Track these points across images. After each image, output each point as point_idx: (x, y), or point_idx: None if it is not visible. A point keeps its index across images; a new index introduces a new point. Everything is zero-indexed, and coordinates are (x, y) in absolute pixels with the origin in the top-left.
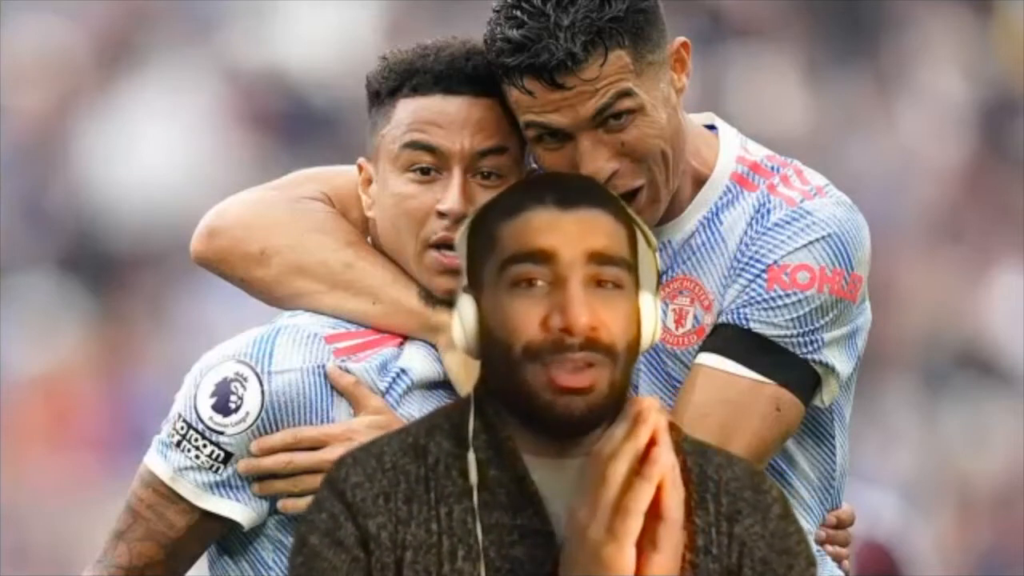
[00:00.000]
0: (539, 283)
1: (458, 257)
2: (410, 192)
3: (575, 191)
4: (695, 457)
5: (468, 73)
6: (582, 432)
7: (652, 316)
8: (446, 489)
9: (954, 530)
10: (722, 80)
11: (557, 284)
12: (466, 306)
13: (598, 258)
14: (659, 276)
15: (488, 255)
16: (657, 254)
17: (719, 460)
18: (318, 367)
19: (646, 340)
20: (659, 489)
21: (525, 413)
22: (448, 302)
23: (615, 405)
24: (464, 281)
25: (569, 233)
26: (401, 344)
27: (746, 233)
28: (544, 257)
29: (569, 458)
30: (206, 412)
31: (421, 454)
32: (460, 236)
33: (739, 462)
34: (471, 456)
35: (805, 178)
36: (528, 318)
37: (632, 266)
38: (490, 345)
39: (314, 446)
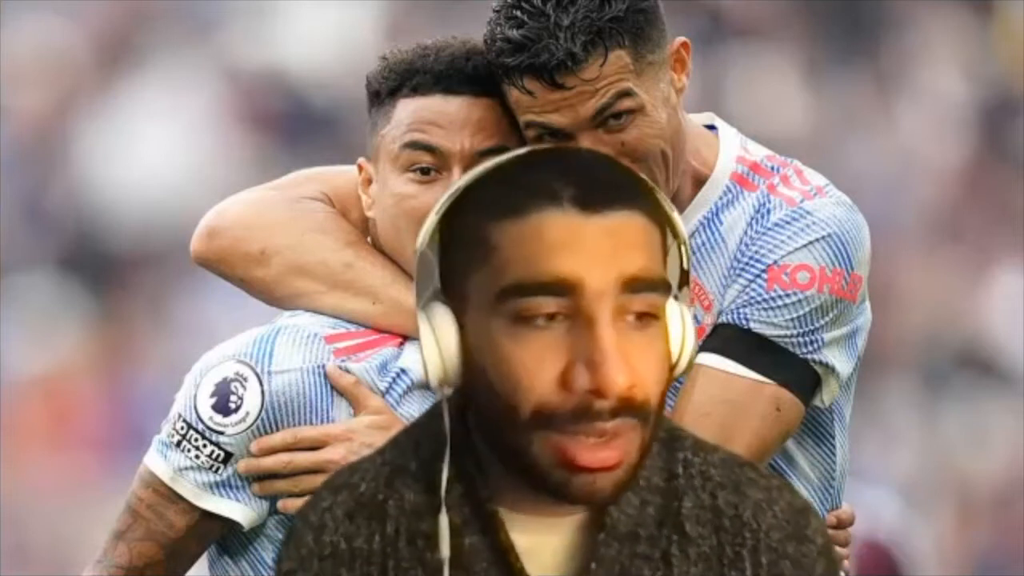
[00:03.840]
0: (557, 317)
1: (421, 252)
2: (410, 192)
3: (600, 184)
4: (727, 494)
5: (468, 73)
6: None
7: (681, 333)
8: (409, 573)
9: (954, 530)
10: (722, 80)
11: (581, 322)
12: (444, 323)
13: (633, 284)
14: (685, 275)
15: (477, 264)
16: (685, 247)
17: (757, 496)
18: (318, 367)
19: (682, 366)
20: None
21: (525, 480)
22: None
23: (642, 464)
24: (436, 283)
25: (597, 252)
26: (401, 344)
27: (746, 233)
28: (564, 288)
29: (561, 516)
30: (206, 412)
31: (377, 516)
32: (428, 229)
33: (780, 498)
34: (443, 520)
35: (805, 178)
36: (541, 371)
37: (669, 287)
38: (481, 390)
39: (314, 446)
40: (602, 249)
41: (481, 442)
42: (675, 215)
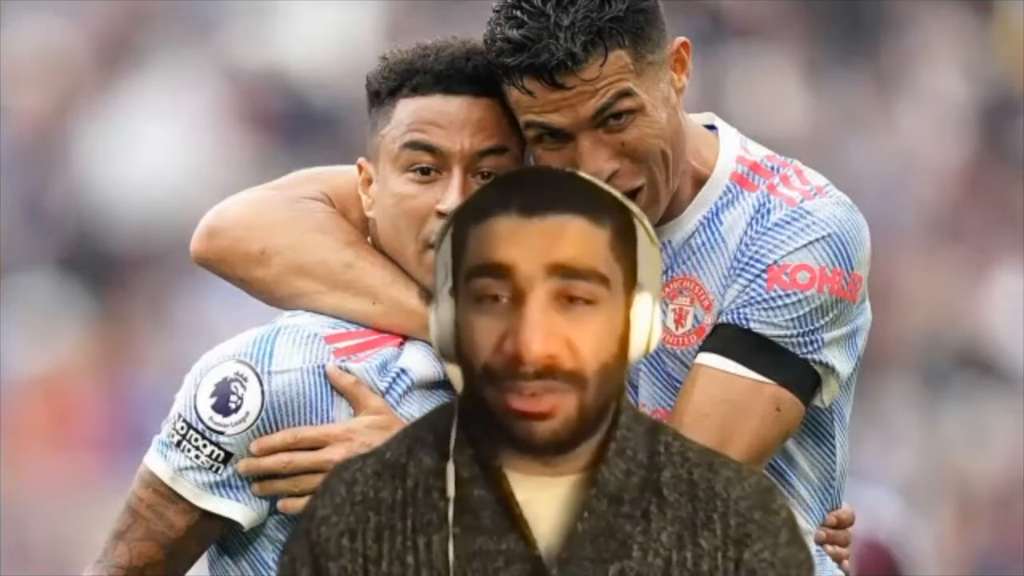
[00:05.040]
0: (502, 299)
1: (436, 255)
2: (410, 192)
3: (544, 195)
4: (702, 470)
5: (468, 73)
6: (556, 453)
7: (647, 322)
8: (424, 517)
9: (954, 530)
10: (722, 80)
11: (516, 301)
12: (444, 310)
13: (563, 271)
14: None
15: (459, 262)
16: (660, 251)
17: (728, 474)
18: (318, 367)
19: (637, 350)
20: None
21: (497, 428)
22: None
23: (591, 424)
24: (450, 283)
25: (530, 244)
26: (401, 344)
27: (746, 233)
28: (502, 271)
29: (557, 475)
30: (206, 412)
31: (399, 475)
32: (440, 235)
33: (749, 476)
34: (450, 468)
35: (805, 178)
36: (487, 338)
37: (608, 279)
38: (461, 357)
39: (314, 446)
40: (536, 243)
41: (484, 413)
42: (647, 223)
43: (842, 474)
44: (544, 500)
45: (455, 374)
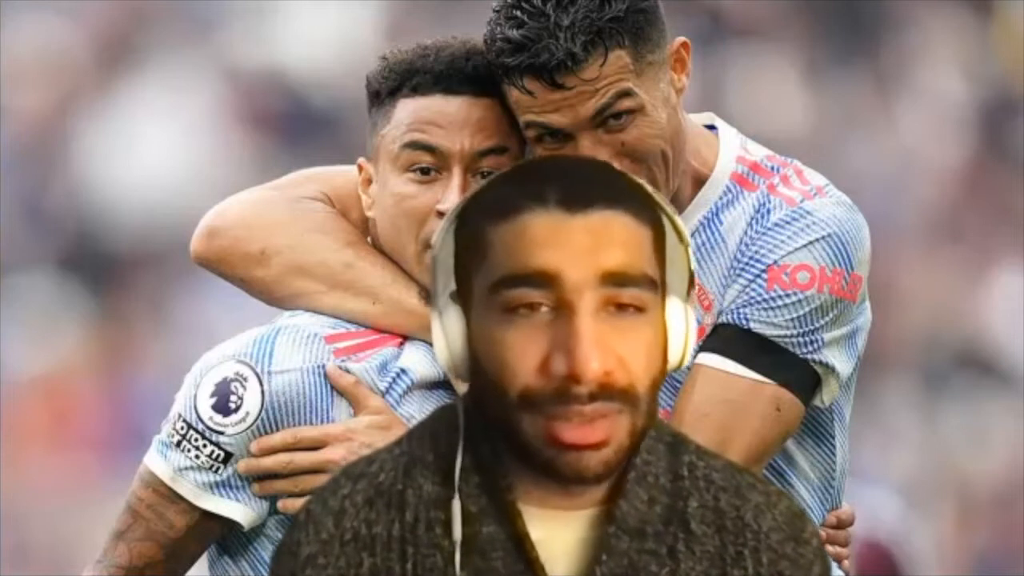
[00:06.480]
0: (541, 308)
1: (434, 256)
2: (410, 192)
3: (585, 186)
4: (729, 496)
5: (468, 73)
6: (595, 482)
7: (683, 331)
8: (427, 560)
9: (954, 530)
10: (722, 80)
11: (562, 311)
12: (452, 320)
13: (614, 279)
14: (691, 276)
15: (478, 264)
16: (690, 250)
17: (757, 500)
18: (318, 367)
19: (674, 361)
20: None
21: (524, 462)
22: None
23: (638, 448)
24: (452, 286)
25: (577, 247)
26: (401, 344)
27: (746, 233)
28: (545, 280)
29: (576, 510)
30: (206, 412)
31: (396, 505)
32: (440, 233)
33: (778, 502)
34: (456, 507)
35: (805, 178)
36: (525, 357)
37: (656, 282)
38: (481, 376)
39: (314, 446)
40: (582, 245)
41: (492, 431)
42: (678, 219)
43: (842, 474)
44: (560, 539)
45: (464, 390)
